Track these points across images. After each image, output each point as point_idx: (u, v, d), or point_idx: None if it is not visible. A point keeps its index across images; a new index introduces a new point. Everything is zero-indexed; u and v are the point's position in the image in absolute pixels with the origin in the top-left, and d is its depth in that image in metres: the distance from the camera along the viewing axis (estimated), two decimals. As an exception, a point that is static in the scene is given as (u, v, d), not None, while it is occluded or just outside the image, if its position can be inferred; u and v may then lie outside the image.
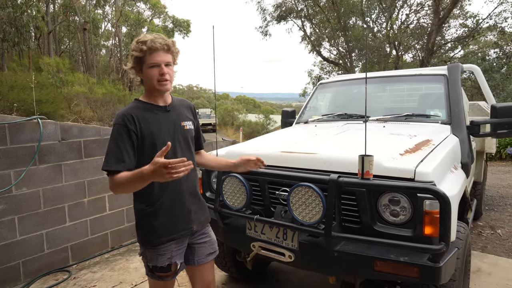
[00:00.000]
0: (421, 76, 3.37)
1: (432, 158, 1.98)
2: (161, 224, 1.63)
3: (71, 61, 22.29)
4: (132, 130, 1.55)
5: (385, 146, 2.22)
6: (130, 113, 1.57)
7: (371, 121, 3.05)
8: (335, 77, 4.21)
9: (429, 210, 1.70)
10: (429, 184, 1.72)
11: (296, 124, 3.73)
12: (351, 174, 1.90)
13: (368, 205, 1.86)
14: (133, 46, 1.58)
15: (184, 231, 1.70)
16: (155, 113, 1.63)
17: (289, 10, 17.17)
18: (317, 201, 1.85)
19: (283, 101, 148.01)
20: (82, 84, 14.98)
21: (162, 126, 1.63)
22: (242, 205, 2.21)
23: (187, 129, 1.73)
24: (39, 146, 3.18)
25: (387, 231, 1.83)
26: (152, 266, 1.66)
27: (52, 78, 13.77)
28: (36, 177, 3.20)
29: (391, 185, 1.74)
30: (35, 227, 3.23)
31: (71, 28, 24.42)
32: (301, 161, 2.14)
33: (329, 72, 19.81)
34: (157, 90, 1.60)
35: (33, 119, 3.16)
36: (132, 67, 1.60)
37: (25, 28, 14.87)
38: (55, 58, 16.68)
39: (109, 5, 25.52)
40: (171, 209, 1.65)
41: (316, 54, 18.57)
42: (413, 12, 15.56)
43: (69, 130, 3.44)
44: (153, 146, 1.59)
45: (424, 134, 2.46)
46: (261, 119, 32.27)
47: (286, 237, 2.05)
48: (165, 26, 28.93)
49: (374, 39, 16.01)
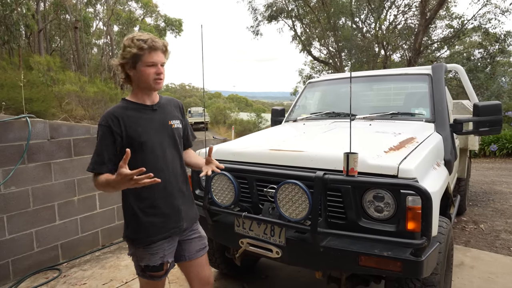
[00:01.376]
0: (406, 75, 3.40)
1: (415, 156, 2.00)
2: (152, 223, 1.62)
3: (62, 60, 21.95)
4: (115, 132, 1.54)
5: (370, 143, 2.24)
6: (115, 113, 1.57)
7: (358, 120, 3.07)
8: (323, 76, 4.23)
9: (412, 206, 1.72)
10: (412, 180, 1.74)
11: (286, 123, 3.74)
12: (336, 171, 1.92)
13: (353, 202, 1.88)
14: (128, 42, 1.55)
15: (174, 229, 1.69)
16: (142, 112, 1.62)
17: (280, 10, 17.16)
18: (304, 198, 1.86)
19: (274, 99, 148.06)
20: (73, 82, 14.77)
21: (149, 125, 1.62)
22: (230, 202, 2.21)
23: (175, 127, 1.71)
24: (28, 145, 3.13)
25: (372, 227, 1.85)
26: (144, 266, 1.65)
27: (42, 77, 13.54)
28: (25, 176, 3.15)
29: (375, 182, 1.76)
30: (24, 226, 3.18)
31: (62, 27, 24.03)
32: (289, 159, 2.15)
33: (320, 71, 19.89)
34: (151, 89, 1.61)
35: (21, 118, 3.10)
36: (123, 62, 1.57)
37: (15, 26, 14.59)
38: (46, 57, 16.40)
39: (100, 4, 25.19)
40: (161, 208, 1.64)
41: (307, 54, 18.61)
42: (401, 13, 15.71)
43: (59, 129, 3.39)
44: (140, 145, 1.58)
45: (409, 132, 2.49)
46: (252, 118, 32.24)
47: (274, 233, 2.05)
48: (157, 25, 28.66)
49: (363, 39, 16.12)
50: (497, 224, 4.35)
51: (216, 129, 29.02)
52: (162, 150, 1.63)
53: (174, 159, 1.70)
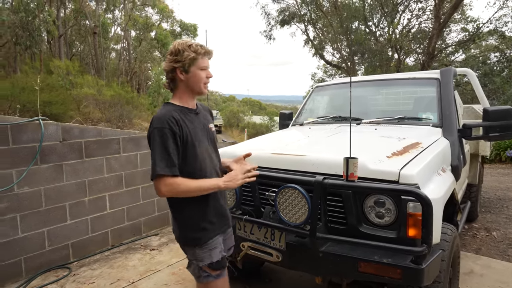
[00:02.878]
0: (415, 79, 3.34)
1: (418, 161, 1.96)
2: (210, 222, 1.67)
3: (82, 64, 22.55)
4: (177, 133, 1.55)
5: (373, 148, 2.20)
6: (172, 115, 1.57)
7: (364, 124, 3.03)
8: (331, 80, 4.20)
9: (413, 212, 1.68)
10: (413, 186, 1.70)
11: (292, 126, 3.72)
12: (337, 176, 1.89)
13: (353, 207, 1.85)
14: (183, 47, 1.59)
15: (227, 226, 1.78)
16: (188, 116, 1.66)
17: (292, 14, 17.17)
18: (303, 202, 1.84)
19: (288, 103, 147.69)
20: (91, 86, 15.13)
21: (196, 128, 1.66)
22: (232, 205, 2.21)
23: (212, 131, 1.78)
24: (41, 146, 3.21)
25: (372, 233, 1.82)
26: (208, 265, 1.64)
27: (62, 80, 13.91)
28: (37, 176, 3.23)
29: (374, 187, 1.73)
30: (36, 225, 3.25)
31: (81, 32, 24.69)
32: (291, 163, 2.13)
33: (332, 75, 19.76)
34: (200, 92, 1.67)
35: (34, 120, 3.19)
36: (176, 66, 1.60)
37: (36, 32, 15.07)
38: (65, 61, 16.87)
39: (118, 10, 25.77)
40: (215, 207, 1.70)
41: (319, 58, 18.53)
42: (415, 16, 15.46)
43: (70, 131, 3.47)
44: (194, 148, 1.61)
45: (414, 137, 2.44)
46: (265, 121, 32.21)
47: (274, 237, 2.04)
48: (172, 30, 29.12)
49: (376, 43, 15.94)
50: (510, 231, 4.19)
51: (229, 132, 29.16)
52: (208, 152, 1.69)
53: (215, 159, 1.75)
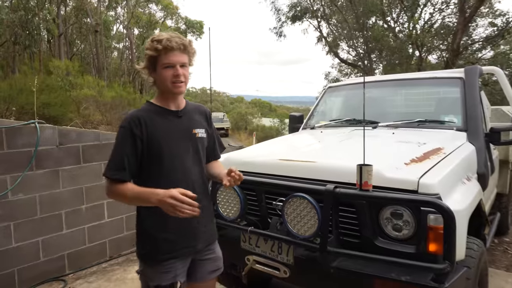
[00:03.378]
0: (436, 79, 3.28)
1: (440, 168, 1.91)
2: (165, 239, 1.58)
3: (83, 64, 22.95)
4: (137, 136, 1.52)
5: (390, 154, 2.17)
6: (138, 115, 1.55)
7: (380, 127, 2.98)
8: (345, 80, 4.16)
9: (434, 225, 1.64)
10: (433, 197, 1.66)
11: (302, 130, 3.69)
12: (350, 184, 1.86)
13: (368, 218, 1.81)
14: (147, 45, 1.56)
15: (188, 249, 1.64)
16: (165, 118, 1.60)
17: (304, 10, 17.14)
18: (312, 213, 1.81)
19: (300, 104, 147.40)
20: (91, 87, 15.36)
21: (171, 133, 1.59)
22: (236, 215, 2.19)
23: (199, 137, 1.68)
24: (36, 151, 3.25)
25: (389, 247, 1.78)
26: (154, 286, 1.60)
27: (61, 81, 14.17)
28: (32, 182, 3.27)
29: (391, 198, 1.69)
30: (31, 234, 3.29)
31: (82, 31, 25.16)
32: (299, 170, 2.11)
33: (348, 75, 19.63)
34: (171, 92, 1.59)
35: (30, 124, 3.23)
36: (145, 67, 1.58)
37: (36, 31, 15.43)
38: (65, 61, 17.19)
39: (121, 7, 26.20)
40: (175, 224, 1.58)
41: (334, 56, 18.44)
42: (437, 11, 15.27)
43: (68, 135, 3.51)
44: (160, 153, 1.56)
45: (435, 142, 2.39)
46: (275, 124, 32.14)
47: (281, 251, 2.01)
48: (177, 27, 29.42)
49: (395, 39, 15.80)
50: (544, 246, 4.07)
51: (237, 135, 29.20)
52: (181, 160, 1.60)
53: (193, 171, 1.65)
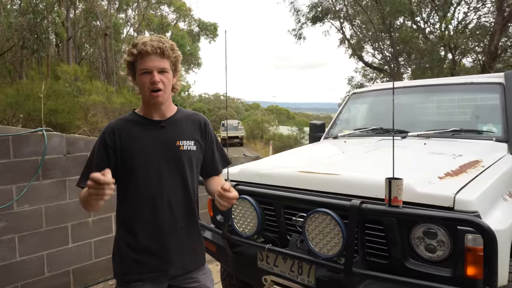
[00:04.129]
0: (472, 84, 3.23)
1: (478, 183, 1.87)
2: (135, 260, 1.57)
3: (91, 69, 23.64)
4: (109, 146, 1.55)
5: (422, 167, 2.14)
6: (114, 126, 1.59)
7: (411, 137, 2.94)
8: (371, 86, 4.14)
9: (472, 246, 1.59)
10: (472, 215, 1.61)
11: (324, 139, 3.68)
12: (377, 199, 1.83)
13: (398, 237, 1.78)
14: (128, 48, 1.57)
15: (157, 274, 1.59)
16: (145, 128, 1.59)
17: (325, 10, 17.22)
18: (336, 230, 1.79)
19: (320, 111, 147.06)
20: (100, 93, 15.80)
21: (150, 144, 1.56)
22: (253, 231, 2.19)
23: (183, 150, 1.61)
24: (43, 160, 3.34)
25: (421, 270, 1.74)
26: None
27: (69, 87, 14.61)
28: (38, 193, 3.35)
29: (423, 215, 1.66)
30: (35, 247, 3.36)
31: (92, 34, 25.94)
32: (321, 183, 2.09)
33: (373, 80, 19.50)
34: (149, 101, 1.56)
35: (38, 131, 3.33)
36: (127, 73, 1.59)
37: (44, 34, 16.01)
38: (73, 66, 17.75)
39: (131, 9, 26.93)
40: (145, 244, 1.57)
41: (357, 59, 18.38)
42: (472, 10, 15.06)
43: (75, 143, 3.60)
44: (132, 166, 1.55)
45: (472, 154, 2.35)
46: (294, 132, 32.12)
47: (302, 271, 2.00)
48: (190, 30, 30.00)
49: (425, 41, 15.63)
50: None
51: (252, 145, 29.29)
52: (158, 175, 1.56)
53: (173, 188, 1.59)
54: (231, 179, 2.44)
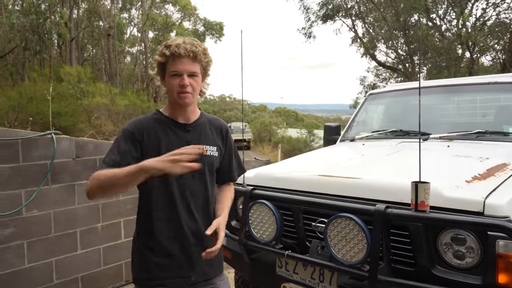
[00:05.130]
0: (497, 84, 3.22)
1: (508, 187, 1.87)
2: (157, 265, 1.60)
3: (94, 70, 23.90)
4: (137, 140, 1.57)
5: (447, 171, 2.14)
6: (142, 122, 1.61)
7: (433, 139, 2.94)
8: (389, 86, 4.14)
9: (504, 252, 1.60)
10: (503, 220, 1.62)
11: (341, 142, 3.69)
12: (402, 204, 1.84)
13: (425, 244, 1.79)
14: (158, 50, 1.62)
15: (179, 280, 1.62)
16: (171, 130, 1.63)
17: (337, 8, 17.24)
18: (360, 236, 1.80)
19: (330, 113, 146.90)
20: (103, 95, 15.97)
21: (174, 146, 1.54)
22: (271, 237, 2.20)
23: (206, 155, 1.65)
24: (52, 164, 3.39)
25: (450, 277, 1.74)
26: None
27: (72, 89, 14.79)
28: (47, 198, 3.40)
29: (452, 220, 1.67)
30: (44, 254, 3.41)
31: (94, 34, 26.25)
32: (342, 187, 2.11)
33: (386, 80, 19.45)
34: (177, 103, 1.61)
35: (47, 134, 3.39)
36: (156, 73, 1.63)
37: (47, 35, 16.24)
38: (77, 67, 17.97)
39: (135, 8, 27.21)
40: (168, 249, 1.60)
41: (370, 59, 18.35)
42: (491, 6, 14.97)
43: (85, 147, 3.65)
44: None
45: (500, 157, 2.35)
46: (303, 135, 32.11)
47: (323, 278, 2.01)
48: (195, 29, 30.19)
49: (442, 39, 15.56)
50: None
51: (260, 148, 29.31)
52: (181, 179, 1.58)
53: (195, 192, 1.64)
54: (246, 183, 2.47)
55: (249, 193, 2.33)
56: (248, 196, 2.32)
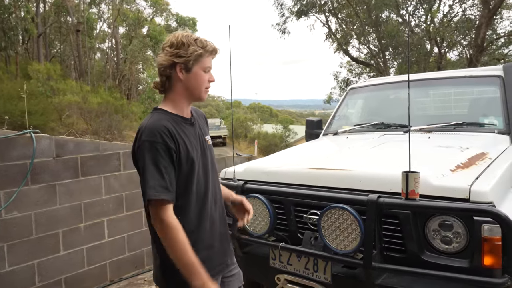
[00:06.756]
0: (472, 78, 3.36)
1: (489, 175, 1.97)
2: (204, 259, 1.51)
3: (63, 67, 23.10)
4: (172, 149, 1.49)
5: (432, 160, 2.22)
6: (166, 126, 1.51)
7: (413, 132, 3.05)
8: (368, 80, 4.24)
9: (489, 236, 1.69)
10: (488, 205, 1.71)
11: (324, 136, 3.75)
12: (392, 194, 1.91)
13: (414, 231, 1.86)
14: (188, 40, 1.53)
15: (222, 265, 1.70)
16: (184, 126, 1.60)
17: (311, 4, 17.36)
18: (354, 225, 1.86)
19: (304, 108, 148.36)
20: (75, 92, 15.48)
21: (193, 142, 1.60)
22: (264, 230, 2.23)
23: (210, 144, 1.73)
24: (32, 164, 3.29)
25: (438, 262, 1.82)
26: None
27: (42, 87, 14.27)
28: (28, 199, 3.30)
29: (441, 207, 1.74)
30: (25, 256, 3.31)
31: (63, 30, 25.37)
32: (333, 179, 2.16)
33: (359, 75, 19.80)
34: (198, 97, 1.63)
35: (25, 133, 3.28)
36: (177, 62, 1.52)
37: (13, 31, 15.58)
38: (45, 64, 17.34)
39: (105, 3, 26.46)
40: (209, 241, 1.62)
41: (343, 54, 18.63)
42: (458, 2, 15.50)
43: (65, 145, 3.56)
44: (191, 166, 1.55)
45: (478, 146, 2.46)
46: (279, 130, 32.30)
47: (317, 268, 2.05)
48: (167, 25, 29.71)
49: (412, 35, 15.98)
50: None
51: (236, 144, 29.28)
52: (205, 171, 1.63)
53: (215, 181, 1.71)
54: (237, 178, 2.49)
55: (241, 187, 2.35)
56: (240, 191, 2.34)
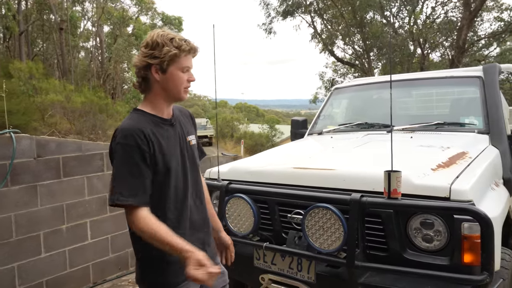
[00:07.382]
0: (452, 78, 3.42)
1: (469, 174, 2.00)
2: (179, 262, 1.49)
3: (45, 65, 22.66)
4: (146, 152, 1.46)
5: (414, 160, 2.25)
6: (140, 129, 1.48)
7: (396, 131, 3.08)
8: (353, 80, 4.27)
9: (468, 234, 1.71)
10: (467, 203, 1.74)
11: (309, 136, 3.77)
12: (375, 193, 1.92)
13: (396, 229, 1.88)
14: (163, 40, 1.49)
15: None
16: (162, 127, 1.57)
17: (296, 4, 17.43)
18: (337, 225, 1.87)
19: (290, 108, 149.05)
20: (58, 91, 15.19)
21: (171, 144, 1.57)
22: (248, 230, 2.23)
23: (192, 145, 1.69)
24: (12, 164, 3.22)
25: (420, 260, 1.85)
26: None
27: (23, 86, 13.97)
28: (7, 200, 3.22)
29: (422, 206, 1.77)
30: (5, 259, 3.23)
31: (45, 28, 24.88)
32: (317, 179, 2.16)
33: (344, 75, 19.98)
34: (178, 98, 1.59)
35: (5, 133, 3.21)
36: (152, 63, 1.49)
37: (-7, 29, 15.21)
38: (27, 63, 16.97)
39: (89, 1, 26.05)
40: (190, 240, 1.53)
41: (329, 54, 18.77)
42: (440, 4, 15.77)
43: (46, 146, 3.48)
44: (167, 170, 1.53)
45: (459, 146, 2.50)
46: (265, 130, 32.34)
47: (301, 267, 2.06)
48: (153, 24, 29.42)
49: (395, 36, 16.20)
50: None
51: (222, 144, 29.19)
52: (184, 174, 1.60)
53: (196, 184, 1.68)
54: (222, 178, 2.48)
55: (225, 187, 2.34)
56: (224, 191, 2.33)
